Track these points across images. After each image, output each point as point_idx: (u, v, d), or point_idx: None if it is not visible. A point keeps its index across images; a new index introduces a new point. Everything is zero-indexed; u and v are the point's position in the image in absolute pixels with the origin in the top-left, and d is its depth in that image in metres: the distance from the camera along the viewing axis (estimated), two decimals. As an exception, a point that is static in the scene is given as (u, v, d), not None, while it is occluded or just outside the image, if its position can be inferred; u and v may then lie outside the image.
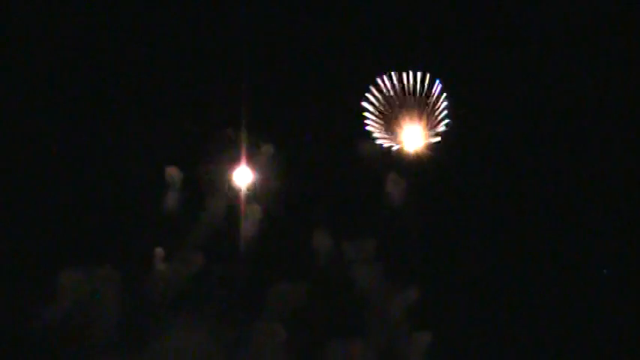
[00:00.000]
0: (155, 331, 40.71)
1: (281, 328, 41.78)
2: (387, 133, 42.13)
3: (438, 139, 42.06)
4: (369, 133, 42.35)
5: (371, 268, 42.77)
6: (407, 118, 41.93)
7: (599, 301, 42.25)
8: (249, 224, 42.93)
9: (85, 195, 41.67)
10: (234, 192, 43.03)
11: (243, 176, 43.04)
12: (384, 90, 41.85)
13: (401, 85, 41.60)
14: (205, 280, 42.20)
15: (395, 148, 42.29)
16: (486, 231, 43.64)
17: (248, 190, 43.05)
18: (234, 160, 42.67)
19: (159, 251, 41.64)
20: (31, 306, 39.34)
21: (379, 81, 41.96)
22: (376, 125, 42.12)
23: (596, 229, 43.11)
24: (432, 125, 41.95)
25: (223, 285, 42.14)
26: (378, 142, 42.51)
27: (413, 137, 42.19)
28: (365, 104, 42.17)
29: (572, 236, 43.26)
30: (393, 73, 41.79)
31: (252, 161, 42.93)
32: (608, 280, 43.21)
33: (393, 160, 42.70)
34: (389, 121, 42.03)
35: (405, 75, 41.82)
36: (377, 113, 42.00)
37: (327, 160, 42.92)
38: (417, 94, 41.61)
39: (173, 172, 42.08)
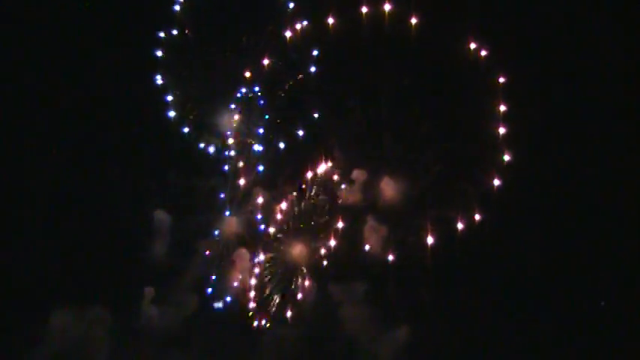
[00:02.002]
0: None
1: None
2: None
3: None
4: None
5: (359, 310, 42.73)
6: None
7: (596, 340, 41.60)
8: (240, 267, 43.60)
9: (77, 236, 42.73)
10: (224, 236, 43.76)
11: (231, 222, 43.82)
12: None
13: None
14: (196, 322, 42.68)
15: None
16: (478, 272, 43.20)
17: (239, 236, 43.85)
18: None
19: (149, 292, 42.30)
20: (20, 349, 40.17)
21: None
22: None
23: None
24: None
25: (214, 328, 42.55)
26: None
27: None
28: None
29: (563, 278, 42.73)
30: None
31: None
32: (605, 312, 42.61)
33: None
34: None
35: None
36: None
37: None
38: None
39: (162, 216, 43.07)
